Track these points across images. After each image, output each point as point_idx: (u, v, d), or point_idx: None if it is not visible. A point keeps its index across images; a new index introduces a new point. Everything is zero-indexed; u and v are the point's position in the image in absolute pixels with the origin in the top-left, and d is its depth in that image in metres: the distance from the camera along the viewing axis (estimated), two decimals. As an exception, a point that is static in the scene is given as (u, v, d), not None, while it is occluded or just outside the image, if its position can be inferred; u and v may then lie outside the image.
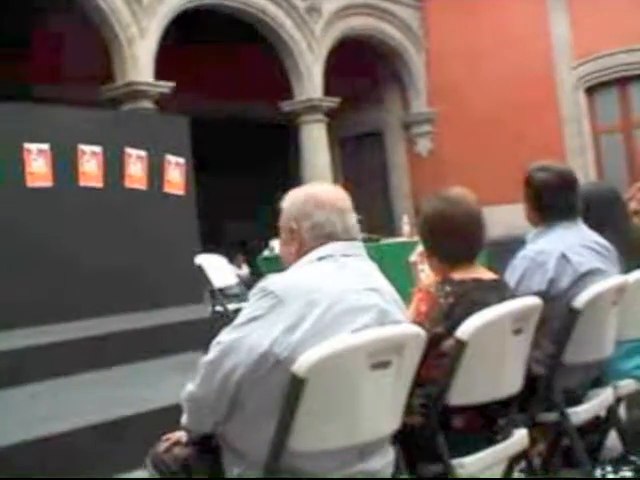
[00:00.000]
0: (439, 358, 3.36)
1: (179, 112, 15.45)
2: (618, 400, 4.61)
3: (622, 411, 5.03)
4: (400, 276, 7.41)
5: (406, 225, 12.65)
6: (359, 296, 2.99)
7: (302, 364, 2.73)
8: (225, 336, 2.96)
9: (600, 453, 4.80)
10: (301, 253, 3.17)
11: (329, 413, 2.85)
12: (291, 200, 3.24)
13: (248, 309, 2.97)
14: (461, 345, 3.26)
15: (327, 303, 2.89)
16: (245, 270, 19.16)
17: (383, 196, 22.32)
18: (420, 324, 3.27)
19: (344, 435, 2.90)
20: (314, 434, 2.85)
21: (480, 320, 3.29)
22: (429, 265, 3.83)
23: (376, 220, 17.47)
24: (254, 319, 2.91)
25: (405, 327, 3.09)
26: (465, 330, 3.26)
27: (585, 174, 19.29)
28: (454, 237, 3.63)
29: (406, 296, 3.53)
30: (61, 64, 17.48)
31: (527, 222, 4.51)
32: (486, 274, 3.68)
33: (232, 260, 19.81)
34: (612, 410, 4.49)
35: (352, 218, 3.20)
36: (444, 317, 3.43)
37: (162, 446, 3.35)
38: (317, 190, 3.24)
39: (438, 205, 3.71)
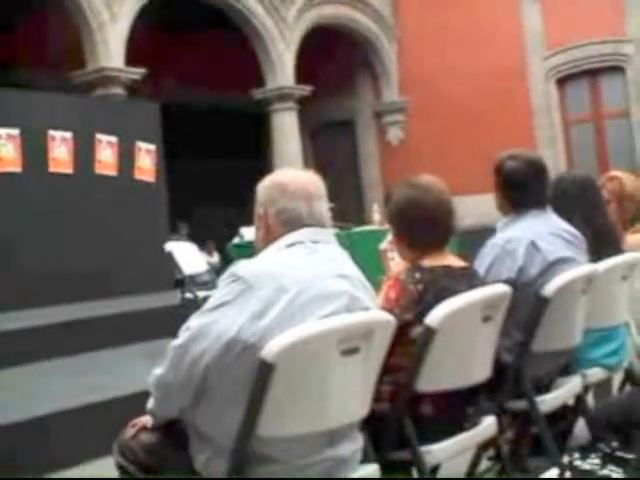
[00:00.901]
0: (408, 345, 3.36)
1: (150, 99, 15.40)
2: (586, 388, 4.63)
3: (590, 399, 5.06)
4: (371, 264, 7.45)
5: (376, 213, 12.66)
6: (329, 282, 2.99)
7: (271, 349, 2.72)
8: (194, 321, 2.94)
9: (568, 440, 4.83)
10: (269, 239, 3.16)
11: (298, 399, 2.84)
12: (261, 186, 3.24)
13: (217, 294, 2.96)
14: (430, 332, 3.26)
15: (296, 289, 2.88)
16: (216, 257, 19.11)
17: (354, 185, 22.30)
18: (389, 311, 3.27)
19: (312, 421, 2.90)
20: (282, 420, 2.84)
21: (449, 307, 3.29)
22: (399, 252, 3.83)
23: (347, 208, 17.44)
24: (222, 304, 2.90)
25: (374, 313, 3.09)
26: (434, 317, 3.26)
27: (555, 165, 19.34)
28: (424, 224, 3.63)
29: (376, 284, 3.53)
30: (35, 49, 17.33)
31: (497, 211, 4.51)
32: (456, 262, 3.68)
33: (203, 247, 19.81)
34: (580, 398, 4.50)
35: (322, 205, 3.19)
36: (413, 304, 3.43)
37: (128, 432, 3.32)
38: (285, 176, 3.23)
39: (409, 192, 3.71)
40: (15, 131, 12.04)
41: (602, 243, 4.69)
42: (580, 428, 4.75)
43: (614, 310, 4.68)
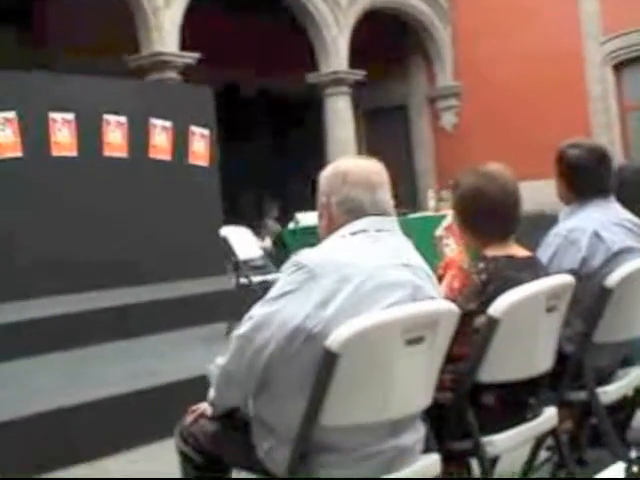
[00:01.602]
0: (471, 334, 3.34)
1: (204, 83, 15.44)
2: (646, 380, 4.59)
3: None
4: (426, 250, 7.41)
5: (432, 200, 12.62)
6: (393, 272, 2.98)
7: (336, 339, 2.71)
8: (257, 310, 2.95)
9: (627, 432, 4.79)
10: (332, 228, 3.16)
11: (361, 388, 2.84)
12: (324, 175, 3.24)
13: (280, 283, 2.96)
14: (493, 323, 3.24)
15: (360, 278, 2.88)
16: (268, 242, 19.12)
17: (407, 170, 22.21)
18: (453, 300, 3.25)
19: (376, 410, 2.89)
20: (346, 409, 2.84)
21: (513, 298, 3.26)
22: (462, 240, 3.81)
23: (401, 194, 17.41)
24: (287, 293, 2.89)
25: (439, 303, 3.08)
26: (498, 308, 3.23)
27: (611, 151, 19.12)
28: (490, 214, 3.59)
29: (431, 270, 3.52)
30: (88, 34, 17.42)
31: (552, 198, 4.48)
32: (520, 251, 3.65)
33: (256, 232, 19.85)
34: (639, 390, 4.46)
35: (385, 193, 3.17)
36: (477, 294, 3.40)
37: (189, 418, 3.35)
38: (348, 165, 3.21)
39: (475, 180, 3.67)
40: (70, 116, 12.15)
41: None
42: (638, 420, 4.71)
43: (677, 301, 4.62)
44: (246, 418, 3.13)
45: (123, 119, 12.79)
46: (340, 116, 19.73)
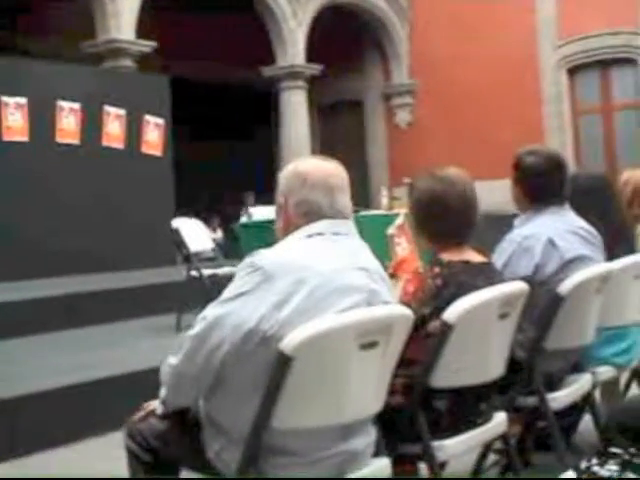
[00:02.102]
0: (424, 339, 3.34)
1: (160, 72, 15.35)
2: (594, 386, 4.63)
3: (597, 396, 5.05)
4: (377, 249, 7.41)
5: (384, 198, 12.57)
6: (348, 275, 2.97)
7: (290, 342, 2.70)
8: (211, 310, 2.92)
9: (572, 437, 4.84)
10: (289, 229, 3.13)
11: (314, 392, 2.83)
12: (283, 175, 3.20)
13: (235, 284, 2.93)
14: (447, 328, 3.24)
15: (316, 282, 2.86)
16: (219, 234, 19.10)
17: (360, 166, 22.16)
18: (407, 304, 3.25)
19: (328, 414, 2.88)
20: (298, 413, 2.83)
21: (467, 303, 3.26)
22: (418, 243, 3.80)
23: (353, 191, 17.40)
24: (241, 294, 2.87)
25: (394, 308, 3.06)
26: (452, 313, 3.24)
27: (563, 153, 19.23)
28: (446, 219, 3.59)
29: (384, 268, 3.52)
30: (44, 18, 17.27)
31: (504, 199, 4.51)
32: (475, 257, 3.65)
33: (207, 223, 19.78)
34: (589, 396, 4.49)
35: (343, 197, 3.14)
36: (431, 298, 3.40)
37: (138, 416, 3.30)
38: (308, 166, 3.17)
39: (432, 184, 3.65)
40: (23, 100, 12.02)
41: (616, 241, 4.67)
42: (585, 425, 4.76)
43: (627, 309, 4.67)
44: (197, 418, 3.10)
45: (77, 105, 12.68)
46: (295, 110, 19.70)
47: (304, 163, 3.22)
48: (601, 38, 19.08)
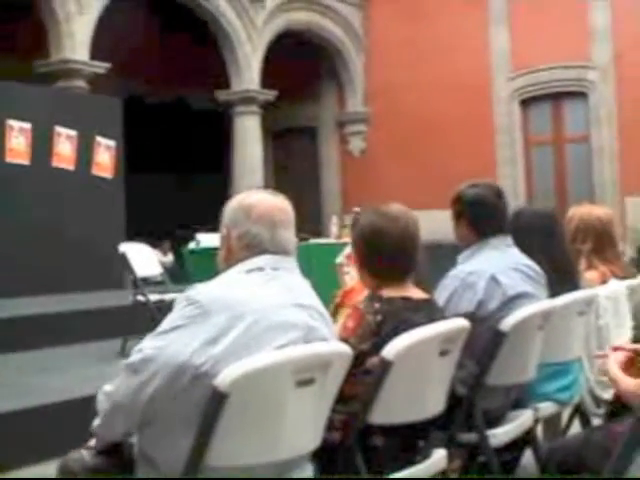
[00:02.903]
0: (363, 375, 3.32)
1: (113, 94, 15.27)
2: (536, 421, 4.63)
3: (539, 432, 5.05)
4: (327, 278, 7.40)
5: (334, 226, 12.59)
6: (286, 312, 2.95)
7: (224, 378, 2.67)
8: (147, 343, 2.89)
9: (515, 472, 4.83)
10: (230, 261, 3.12)
11: (250, 429, 2.79)
12: (229, 206, 3.19)
13: (171, 317, 2.90)
14: (386, 365, 3.21)
15: (253, 318, 2.84)
16: (170, 257, 19.00)
17: (313, 193, 22.17)
18: (346, 340, 3.24)
19: (264, 452, 2.85)
20: (233, 450, 2.79)
21: (407, 341, 3.24)
22: (360, 278, 3.78)
23: (305, 218, 17.38)
24: (176, 328, 2.84)
25: (331, 345, 3.04)
26: (391, 350, 3.21)
27: (514, 185, 19.43)
28: (388, 255, 3.58)
29: (332, 297, 3.50)
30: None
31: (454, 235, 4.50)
32: (416, 293, 3.64)
33: (158, 247, 19.67)
34: (530, 431, 4.49)
35: (287, 232, 3.13)
36: (371, 334, 3.38)
37: (73, 454, 3.23)
38: (252, 199, 3.15)
39: (375, 220, 3.64)
40: (-29, 119, 11.91)
41: (560, 278, 4.68)
42: (527, 460, 4.75)
43: (569, 345, 4.69)
44: (131, 453, 3.05)
45: (27, 125, 12.57)
46: (248, 135, 19.63)
47: (250, 196, 3.20)
48: (553, 71, 19.28)
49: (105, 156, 13.75)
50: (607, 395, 4.77)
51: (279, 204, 3.16)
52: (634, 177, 18.09)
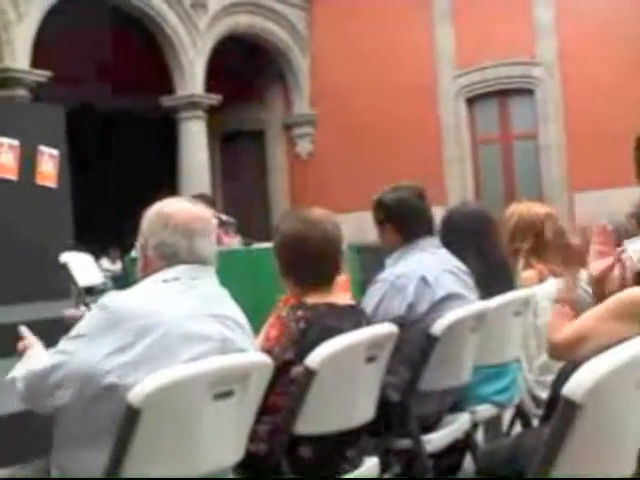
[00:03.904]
0: (288, 385, 3.26)
1: (55, 102, 15.08)
2: (475, 425, 4.59)
3: (480, 435, 5.02)
4: (273, 282, 7.34)
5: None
6: (200, 323, 2.89)
7: (138, 393, 2.60)
8: (60, 346, 2.87)
9: (457, 474, 4.79)
10: (147, 271, 3.08)
11: (166, 444, 2.73)
12: (147, 215, 3.14)
13: (83, 323, 2.88)
14: (310, 373, 3.16)
15: (164, 328, 2.79)
16: (119, 266, 18.86)
17: (262, 197, 22.07)
18: (269, 350, 3.19)
19: (183, 466, 2.78)
20: (150, 465, 2.72)
21: (331, 348, 3.18)
22: (286, 286, 3.70)
23: (253, 221, 17.28)
24: (85, 335, 2.82)
25: (249, 356, 2.98)
26: (314, 358, 3.15)
27: (463, 184, 19.46)
28: (309, 260, 3.51)
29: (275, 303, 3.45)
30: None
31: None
32: (342, 299, 3.58)
33: (107, 254, 19.53)
34: (469, 435, 4.44)
35: (205, 242, 3.06)
36: (294, 343, 3.32)
37: None
38: (171, 209, 3.09)
39: (296, 226, 3.58)
40: None
41: (495, 278, 4.64)
42: (469, 463, 4.71)
43: (506, 346, 4.65)
44: (47, 465, 3.00)
45: (-33, 136, 12.39)
46: (194, 140, 19.48)
47: (170, 205, 3.13)
48: (498, 69, 19.28)
49: (49, 165, 13.53)
50: (545, 395, 4.74)
51: (198, 214, 3.11)
52: (582, 173, 18.17)
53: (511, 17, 18.71)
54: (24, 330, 3.33)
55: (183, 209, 3.10)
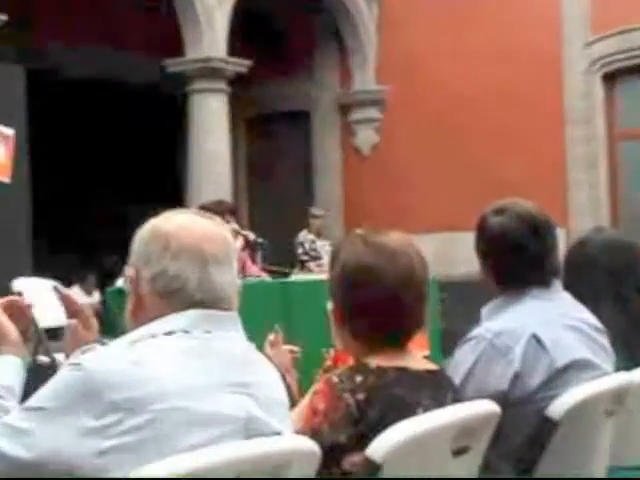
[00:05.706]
0: (341, 477, 3.28)
1: (14, 60, 15.26)
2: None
3: None
4: (313, 330, 7.34)
5: (328, 255, 12.52)
6: (216, 397, 2.90)
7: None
8: (16, 421, 2.87)
9: None
10: (140, 316, 3.07)
11: None
12: (138, 236, 3.14)
13: (50, 387, 2.87)
14: (372, 468, 3.14)
15: (163, 405, 2.78)
16: (96, 298, 18.99)
17: (302, 207, 21.82)
18: (314, 430, 3.22)
19: None
20: None
21: (402, 434, 3.16)
22: (341, 340, 3.68)
23: (286, 243, 17.16)
24: (51, 409, 2.81)
25: (286, 441, 2.99)
26: (379, 447, 3.13)
27: (594, 197, 19.30)
28: (380, 306, 3.49)
29: (319, 359, 3.45)
30: None
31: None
32: (419, 362, 3.57)
33: (81, 281, 19.64)
34: None
35: (223, 271, 3.06)
36: (349, 420, 3.31)
37: None
38: (172, 226, 3.09)
39: (363, 254, 3.55)
40: None
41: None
42: None
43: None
44: None
45: None
46: (211, 122, 19.50)
47: (170, 220, 3.13)
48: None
49: (1, 150, 13.69)
50: None
51: (212, 231, 3.10)
52: None
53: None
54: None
55: (190, 224, 3.10)
